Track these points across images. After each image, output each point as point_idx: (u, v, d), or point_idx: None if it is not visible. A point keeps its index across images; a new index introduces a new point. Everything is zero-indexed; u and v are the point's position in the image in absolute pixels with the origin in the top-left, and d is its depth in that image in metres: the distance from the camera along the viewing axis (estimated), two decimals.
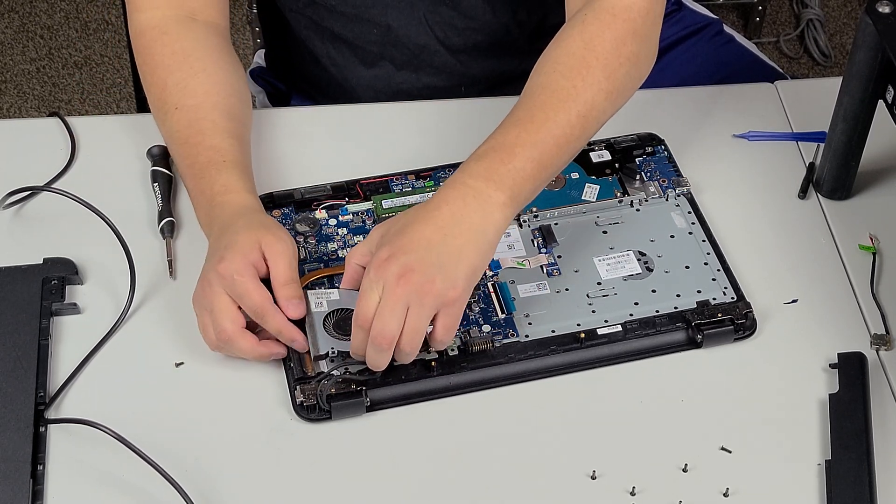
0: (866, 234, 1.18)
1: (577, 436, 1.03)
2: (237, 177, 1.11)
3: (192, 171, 1.12)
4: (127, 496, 0.98)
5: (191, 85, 1.15)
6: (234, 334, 1.03)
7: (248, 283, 1.02)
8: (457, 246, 1.00)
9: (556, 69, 1.08)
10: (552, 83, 1.08)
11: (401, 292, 0.98)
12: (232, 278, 1.02)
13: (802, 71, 2.55)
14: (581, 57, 1.08)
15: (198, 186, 1.11)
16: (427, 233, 1.00)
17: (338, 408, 1.02)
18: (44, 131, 1.26)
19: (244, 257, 1.03)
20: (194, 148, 1.12)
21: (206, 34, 1.19)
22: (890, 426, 1.04)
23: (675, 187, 1.20)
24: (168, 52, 1.17)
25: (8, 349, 1.05)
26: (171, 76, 1.16)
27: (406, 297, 0.98)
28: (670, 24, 1.44)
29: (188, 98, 1.14)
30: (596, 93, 1.08)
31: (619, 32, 1.10)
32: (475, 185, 1.02)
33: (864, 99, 1.13)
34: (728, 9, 2.62)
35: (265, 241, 1.04)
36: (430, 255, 0.99)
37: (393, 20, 1.31)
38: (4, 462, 0.98)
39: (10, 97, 2.43)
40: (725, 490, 0.99)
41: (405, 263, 0.98)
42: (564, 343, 1.08)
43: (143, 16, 1.19)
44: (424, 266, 0.98)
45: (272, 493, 0.99)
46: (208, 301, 1.03)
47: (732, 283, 1.12)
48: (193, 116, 1.13)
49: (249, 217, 1.07)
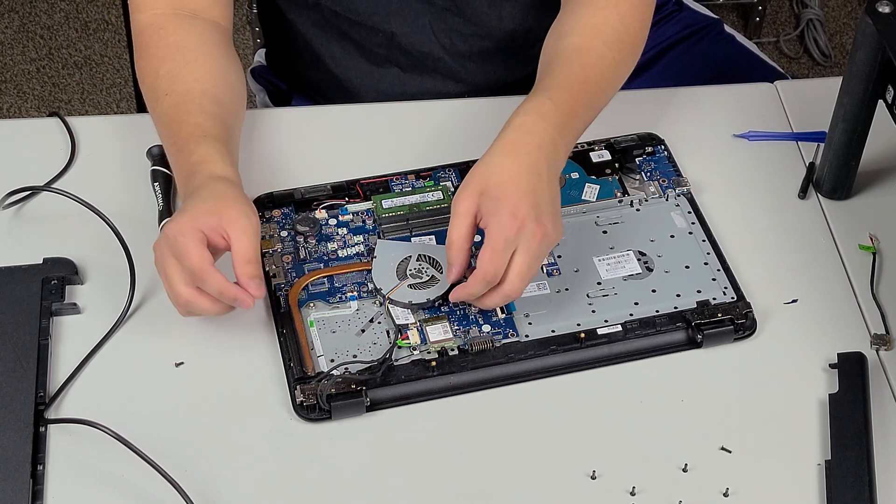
0: (866, 234, 1.18)
1: (577, 436, 1.03)
2: (215, 149, 1.09)
3: (174, 148, 1.11)
4: (127, 496, 0.98)
5: (182, 73, 1.15)
6: (189, 296, 1.01)
7: (189, 243, 1.00)
8: (553, 191, 1.05)
9: (598, 36, 1.13)
10: (597, 49, 1.13)
11: (535, 246, 1.02)
12: (175, 238, 1.00)
13: (802, 71, 2.55)
14: (618, 30, 1.14)
15: (178, 160, 1.10)
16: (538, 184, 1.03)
17: (338, 408, 1.02)
18: (44, 131, 1.26)
19: (192, 219, 1.01)
20: (178, 126, 1.11)
21: (203, 29, 1.19)
22: (890, 426, 1.04)
23: (675, 187, 1.20)
24: (162, 44, 1.17)
25: (8, 349, 1.05)
26: (164, 66, 1.15)
27: (540, 252, 1.02)
28: (671, 23, 1.44)
29: (178, 85, 1.14)
30: (625, 69, 1.16)
31: (644, 13, 1.17)
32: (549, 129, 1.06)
33: (864, 99, 1.13)
34: (728, 9, 2.62)
35: (227, 214, 1.02)
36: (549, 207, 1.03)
37: (397, 27, 1.31)
38: (4, 462, 0.98)
39: (10, 97, 2.43)
40: (725, 490, 0.99)
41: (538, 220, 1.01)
42: (564, 343, 1.08)
43: (142, 16, 1.19)
44: (549, 219, 1.02)
45: (272, 493, 0.99)
46: (160, 266, 1.02)
47: (732, 283, 1.12)
48: (181, 100, 1.13)
49: (217, 187, 1.05)
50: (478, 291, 1.03)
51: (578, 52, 1.12)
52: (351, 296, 1.10)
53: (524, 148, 1.04)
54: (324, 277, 1.12)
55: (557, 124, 1.07)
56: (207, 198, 1.04)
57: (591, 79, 1.11)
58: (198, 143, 1.09)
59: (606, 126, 1.20)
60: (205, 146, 1.09)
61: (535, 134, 1.05)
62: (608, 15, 1.15)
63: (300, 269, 1.12)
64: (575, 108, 1.09)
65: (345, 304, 1.10)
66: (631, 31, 1.15)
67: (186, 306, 1.03)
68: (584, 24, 1.15)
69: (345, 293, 1.11)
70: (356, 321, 1.09)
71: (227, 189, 1.05)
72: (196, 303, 1.02)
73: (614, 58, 1.13)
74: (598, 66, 1.12)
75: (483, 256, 1.01)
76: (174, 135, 1.12)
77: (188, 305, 1.02)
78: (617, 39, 1.14)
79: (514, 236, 1.01)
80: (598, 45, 1.13)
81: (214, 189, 1.05)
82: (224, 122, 1.13)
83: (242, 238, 1.02)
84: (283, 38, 1.40)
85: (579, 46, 1.13)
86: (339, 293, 1.11)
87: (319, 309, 1.09)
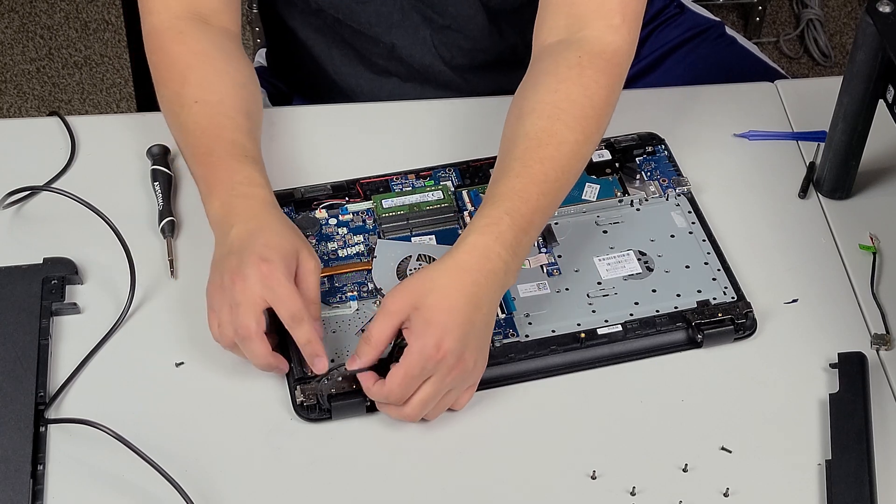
0: (866, 233, 1.18)
1: (577, 436, 1.03)
2: (259, 173, 1.09)
3: (208, 160, 1.09)
4: (127, 496, 0.98)
5: (214, 83, 1.14)
6: (255, 334, 1.00)
7: (293, 288, 1.00)
8: (489, 323, 1.02)
9: (560, 117, 1.07)
10: (558, 134, 1.07)
11: (450, 380, 1.00)
12: (278, 280, 1.00)
13: (802, 71, 2.55)
14: (582, 106, 1.08)
15: (214, 175, 1.08)
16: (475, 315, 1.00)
17: (338, 408, 1.02)
18: (44, 131, 1.26)
19: (288, 264, 1.01)
20: (213, 140, 1.10)
21: (222, 38, 1.18)
22: (890, 426, 1.04)
23: (675, 187, 1.20)
24: (186, 50, 1.16)
25: (8, 349, 1.05)
26: (193, 73, 1.14)
27: (451, 385, 1.00)
28: (673, 26, 1.44)
29: (210, 94, 1.13)
30: (590, 147, 1.10)
31: (612, 80, 1.11)
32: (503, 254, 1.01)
33: (865, 99, 1.13)
34: (728, 9, 2.62)
35: (303, 254, 1.03)
36: (477, 341, 1.01)
37: (397, 39, 1.31)
38: (4, 462, 0.98)
39: (10, 97, 2.43)
40: (725, 490, 0.99)
41: (461, 356, 0.99)
42: (564, 343, 1.07)
43: (155, 18, 1.18)
44: (472, 355, 1.00)
45: (272, 493, 0.99)
46: (237, 295, 1.00)
47: (732, 282, 1.12)
48: (214, 111, 1.12)
49: (283, 218, 1.06)
50: (375, 398, 1.01)
51: (538, 143, 1.06)
52: (351, 296, 1.10)
53: (472, 277, 0.99)
54: (324, 277, 1.12)
55: (512, 244, 1.02)
56: (285, 234, 1.04)
57: (550, 176, 1.05)
58: (241, 163, 1.09)
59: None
60: (250, 168, 1.08)
61: (488, 260, 1.00)
62: (571, 88, 1.08)
63: None
64: (531, 219, 1.04)
65: (345, 304, 1.10)
66: (596, 103, 1.09)
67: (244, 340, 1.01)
68: (545, 103, 1.09)
69: (345, 293, 1.11)
70: (356, 321, 1.08)
71: (291, 224, 1.06)
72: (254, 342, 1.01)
73: (577, 140, 1.07)
74: (558, 157, 1.06)
75: (395, 376, 0.98)
76: (206, 146, 1.10)
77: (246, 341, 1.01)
78: (581, 117, 1.08)
79: (430, 367, 0.98)
80: (560, 129, 1.07)
81: (286, 225, 1.05)
82: (256, 139, 1.14)
83: (312, 279, 1.03)
84: (284, 42, 1.39)
85: (539, 133, 1.07)
86: (339, 293, 1.11)
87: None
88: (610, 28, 1.11)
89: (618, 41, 1.12)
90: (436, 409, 1.02)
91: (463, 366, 0.99)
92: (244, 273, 1.00)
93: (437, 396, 1.00)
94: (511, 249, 1.02)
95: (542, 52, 1.14)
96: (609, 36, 1.11)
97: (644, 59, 1.41)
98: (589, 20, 1.12)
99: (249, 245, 1.02)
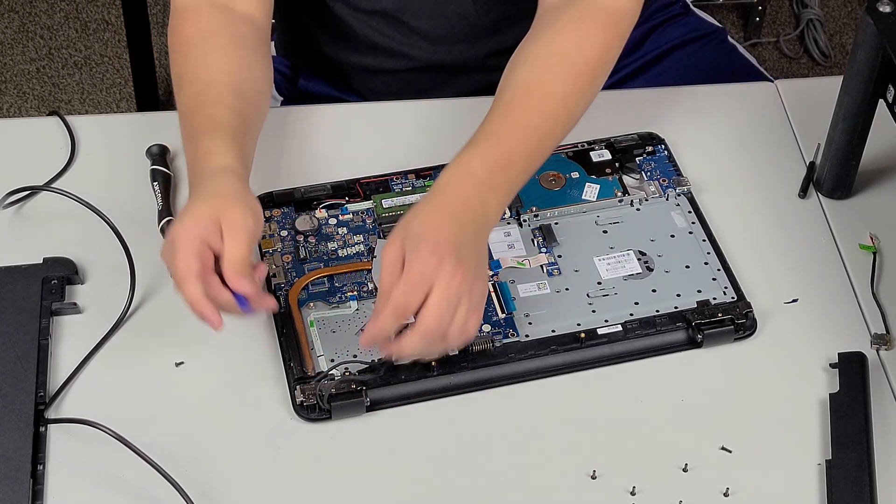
0: (866, 233, 1.18)
1: (577, 436, 1.03)
2: (222, 140, 1.06)
3: (186, 139, 1.09)
4: (127, 496, 0.98)
5: (208, 61, 1.13)
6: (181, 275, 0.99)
7: (179, 249, 0.98)
8: (480, 245, 1.02)
9: (550, 69, 1.08)
10: (545, 84, 1.08)
11: (455, 287, 0.97)
12: (172, 242, 0.99)
13: (802, 71, 2.55)
14: (573, 61, 1.09)
15: (189, 154, 1.08)
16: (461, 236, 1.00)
17: (338, 408, 1.02)
18: (44, 131, 1.26)
19: (193, 224, 0.99)
20: (194, 116, 1.09)
21: (238, 21, 1.17)
22: (890, 426, 1.04)
23: (675, 187, 1.20)
24: (194, 30, 1.15)
25: (8, 349, 1.05)
26: (192, 51, 1.14)
27: (458, 294, 0.98)
28: (677, 26, 1.44)
29: (202, 72, 1.12)
30: (581, 100, 1.10)
31: (611, 37, 1.11)
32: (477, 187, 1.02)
33: (865, 98, 1.13)
34: (728, 9, 2.62)
35: (225, 213, 1.00)
36: (472, 256, 1.00)
37: None
38: (4, 462, 0.98)
39: (10, 97, 2.43)
40: (725, 490, 0.99)
41: (459, 261, 0.98)
42: (564, 343, 1.07)
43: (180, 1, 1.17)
44: (472, 264, 0.99)
45: (272, 493, 0.99)
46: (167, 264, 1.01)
47: (732, 282, 1.12)
48: (202, 89, 1.11)
49: (218, 184, 1.03)
50: (387, 326, 0.99)
51: (524, 92, 1.07)
52: (351, 295, 1.10)
53: (450, 207, 1.01)
54: (324, 277, 1.12)
55: (486, 180, 1.03)
56: (208, 197, 1.01)
57: (532, 122, 1.06)
58: (206, 135, 1.07)
59: (606, 126, 1.20)
60: (212, 138, 1.06)
61: (460, 192, 1.02)
62: (565, 41, 1.09)
63: (300, 268, 1.12)
64: (510, 159, 1.04)
65: (345, 303, 1.10)
66: (589, 58, 1.09)
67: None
68: (537, 55, 1.10)
69: (345, 293, 1.11)
70: (356, 321, 1.08)
71: (228, 185, 1.03)
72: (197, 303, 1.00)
73: (564, 92, 1.08)
74: (542, 107, 1.07)
75: (396, 290, 0.97)
76: (189, 124, 1.10)
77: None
78: (572, 70, 1.09)
79: (430, 272, 0.97)
80: (548, 81, 1.08)
81: (215, 186, 1.02)
82: (242, 114, 1.10)
83: (232, 238, 0.99)
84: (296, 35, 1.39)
85: (527, 83, 1.08)
86: (339, 293, 1.11)
87: (319, 309, 1.09)
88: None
89: (621, 1, 1.12)
90: (453, 329, 0.99)
91: (464, 272, 0.98)
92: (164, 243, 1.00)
93: (450, 304, 0.97)
94: (486, 184, 1.03)
95: (546, 8, 1.15)
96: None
97: (645, 56, 1.41)
98: None
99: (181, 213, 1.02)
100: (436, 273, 0.97)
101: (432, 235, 0.98)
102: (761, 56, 2.55)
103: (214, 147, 1.06)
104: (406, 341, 0.99)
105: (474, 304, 1.00)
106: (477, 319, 1.01)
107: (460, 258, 0.98)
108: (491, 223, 1.04)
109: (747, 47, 2.54)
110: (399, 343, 0.99)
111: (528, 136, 1.06)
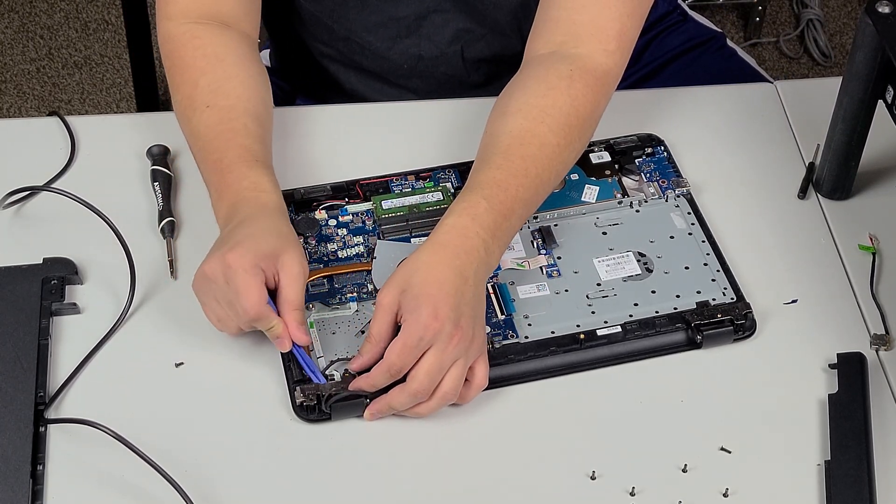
0: (866, 234, 1.18)
1: (577, 436, 1.03)
2: (268, 178, 1.09)
3: (219, 166, 1.10)
4: (127, 496, 0.98)
5: (224, 87, 1.14)
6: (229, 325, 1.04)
7: (251, 282, 0.99)
8: (479, 297, 1.03)
9: (544, 120, 1.10)
10: (541, 135, 1.09)
11: (451, 350, 0.99)
12: (236, 272, 0.99)
13: (802, 71, 2.55)
14: (567, 114, 1.11)
15: (224, 181, 1.09)
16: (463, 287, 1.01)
17: (338, 408, 1.02)
18: (44, 131, 1.26)
19: (255, 257, 1.00)
20: (225, 144, 1.11)
21: (237, 42, 1.18)
22: (890, 426, 1.04)
23: (674, 188, 1.20)
24: (200, 54, 1.16)
25: (8, 349, 1.05)
26: (204, 77, 1.15)
27: (454, 355, 1.00)
28: (675, 34, 1.43)
29: (221, 99, 1.13)
30: (572, 152, 1.12)
31: (599, 97, 1.13)
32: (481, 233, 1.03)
33: (864, 99, 1.13)
34: (728, 9, 2.62)
35: (284, 256, 1.02)
36: (471, 311, 1.01)
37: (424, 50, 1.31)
38: (4, 462, 0.98)
39: (10, 97, 2.43)
40: (725, 490, 0.99)
41: (457, 323, 0.99)
42: (564, 344, 1.08)
43: (172, 24, 1.18)
44: (469, 323, 1.00)
45: (272, 494, 0.99)
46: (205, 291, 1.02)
47: (732, 283, 1.12)
48: (226, 116, 1.12)
49: (276, 221, 1.05)
50: (379, 382, 1.01)
51: (521, 141, 1.08)
52: (351, 297, 1.10)
53: (453, 251, 1.01)
54: (323, 278, 1.12)
55: (491, 227, 1.04)
56: (268, 233, 1.03)
57: (531, 172, 1.07)
58: (250, 168, 1.09)
59: (606, 127, 1.20)
60: (257, 173, 1.09)
61: (466, 238, 1.02)
62: (559, 97, 1.11)
63: None
64: (511, 207, 1.06)
65: (344, 305, 1.10)
66: (581, 114, 1.11)
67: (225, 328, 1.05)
68: (531, 105, 1.11)
69: (344, 294, 1.11)
70: (356, 322, 1.09)
71: (283, 226, 1.05)
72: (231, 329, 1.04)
73: (559, 144, 1.09)
74: (539, 157, 1.08)
75: (392, 349, 0.99)
76: (219, 151, 1.11)
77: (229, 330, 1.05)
78: (565, 124, 1.10)
79: (429, 336, 0.98)
80: (543, 132, 1.09)
81: (275, 225, 1.05)
82: (267, 145, 1.14)
83: (295, 284, 1.02)
84: (289, 48, 1.39)
85: (522, 132, 1.09)
86: (338, 294, 1.11)
87: (319, 310, 1.09)
88: (605, 51, 1.14)
89: (609, 63, 1.14)
90: (449, 385, 1.00)
91: (461, 334, 0.99)
92: (213, 268, 1.01)
93: (442, 368, 0.99)
94: (489, 231, 1.04)
95: (534, 60, 1.16)
96: (602, 58, 1.14)
97: (644, 68, 1.41)
98: (585, 40, 1.14)
99: (227, 237, 1.03)
100: (434, 337, 0.98)
101: (433, 298, 0.99)
102: (761, 56, 2.55)
103: (262, 183, 1.08)
104: (395, 399, 1.01)
105: (473, 355, 1.02)
106: (484, 368, 1.03)
107: (458, 320, 0.99)
108: (491, 270, 1.06)
109: (747, 47, 2.54)
110: (387, 399, 1.01)
111: (528, 185, 1.07)
